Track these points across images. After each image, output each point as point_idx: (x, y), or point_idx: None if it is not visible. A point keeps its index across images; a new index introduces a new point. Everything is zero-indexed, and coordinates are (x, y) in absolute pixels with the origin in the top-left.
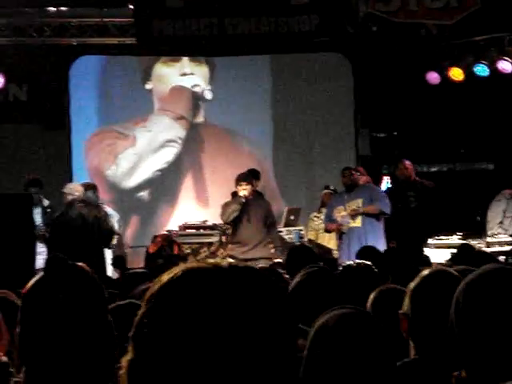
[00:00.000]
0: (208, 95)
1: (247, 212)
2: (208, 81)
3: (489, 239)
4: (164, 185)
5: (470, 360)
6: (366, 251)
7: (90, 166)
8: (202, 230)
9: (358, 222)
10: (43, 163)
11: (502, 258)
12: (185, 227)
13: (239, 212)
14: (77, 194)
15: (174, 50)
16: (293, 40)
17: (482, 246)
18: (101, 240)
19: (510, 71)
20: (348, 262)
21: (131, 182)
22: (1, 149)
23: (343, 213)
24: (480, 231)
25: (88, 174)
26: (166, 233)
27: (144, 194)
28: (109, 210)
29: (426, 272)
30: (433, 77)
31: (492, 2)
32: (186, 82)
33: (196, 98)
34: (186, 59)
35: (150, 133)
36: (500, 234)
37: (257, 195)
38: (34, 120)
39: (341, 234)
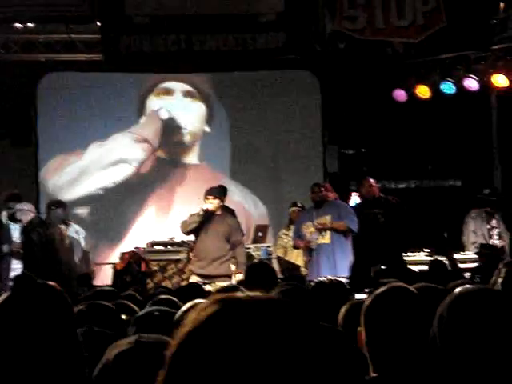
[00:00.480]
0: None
1: (208, 226)
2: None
3: (456, 256)
4: (131, 201)
5: (453, 372)
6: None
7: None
8: (169, 247)
9: (326, 239)
10: (10, 179)
11: (467, 274)
12: (152, 244)
13: (199, 225)
14: (31, 214)
15: (140, 67)
16: (260, 57)
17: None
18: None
19: (475, 89)
20: (320, 279)
21: (91, 196)
22: None
23: (311, 229)
24: (447, 247)
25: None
26: (133, 250)
27: (112, 210)
28: (76, 227)
29: (380, 289)
30: (399, 94)
31: (458, 20)
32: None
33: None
34: (178, 92)
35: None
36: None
37: (225, 212)
38: (2, 136)
39: (310, 251)
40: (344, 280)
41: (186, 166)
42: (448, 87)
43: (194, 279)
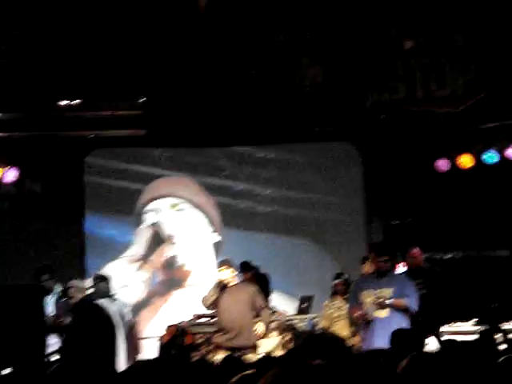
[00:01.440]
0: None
1: (227, 297)
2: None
3: (503, 326)
4: (176, 276)
5: None
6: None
7: None
8: (215, 319)
9: (384, 313)
10: (56, 257)
11: None
12: (198, 316)
13: (218, 297)
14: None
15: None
16: (300, 128)
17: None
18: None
19: None
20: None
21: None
22: (15, 241)
23: (371, 298)
24: (496, 318)
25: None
26: (178, 323)
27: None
28: (122, 300)
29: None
30: (442, 164)
31: (500, 88)
32: None
33: None
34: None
35: None
36: None
37: (243, 282)
38: (49, 214)
39: (367, 323)
40: None
41: None
42: (491, 157)
43: (222, 353)
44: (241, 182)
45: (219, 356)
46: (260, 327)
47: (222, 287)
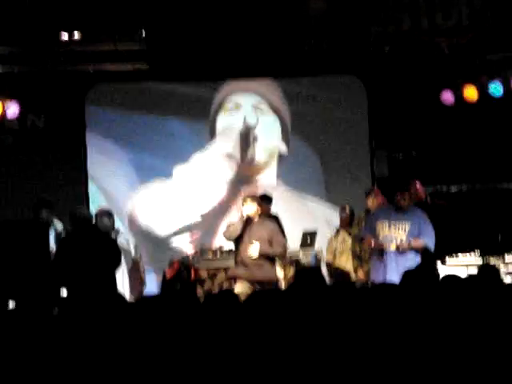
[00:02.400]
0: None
1: (249, 232)
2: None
3: (507, 258)
4: (183, 208)
5: None
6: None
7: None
8: (218, 254)
9: (394, 246)
10: (58, 192)
11: None
12: (201, 251)
13: (242, 231)
14: None
15: (186, 74)
16: (305, 61)
17: (500, 263)
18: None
19: None
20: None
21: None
22: (18, 176)
23: (387, 230)
24: (501, 250)
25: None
26: (182, 258)
27: (163, 220)
28: (126, 235)
29: None
30: (447, 96)
31: (505, 19)
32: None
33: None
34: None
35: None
36: None
37: (265, 217)
38: (52, 148)
39: (381, 252)
40: None
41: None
42: (496, 88)
43: (241, 284)
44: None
45: (238, 287)
46: (253, 249)
47: (246, 221)
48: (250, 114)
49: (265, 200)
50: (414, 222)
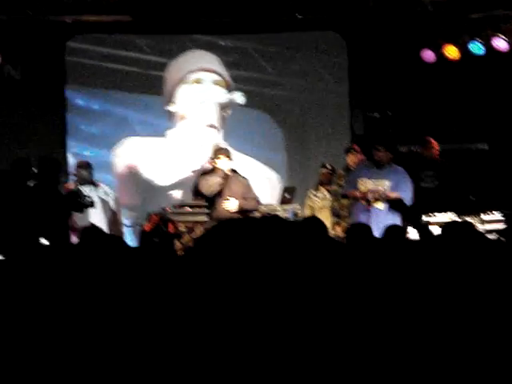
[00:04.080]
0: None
1: (225, 187)
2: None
3: (483, 217)
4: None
5: None
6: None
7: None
8: (196, 209)
9: (379, 204)
10: (39, 144)
11: (493, 236)
12: (180, 205)
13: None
14: None
15: (168, 27)
16: (285, 16)
17: (477, 223)
18: None
19: (504, 49)
20: None
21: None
22: None
23: (368, 186)
24: (473, 210)
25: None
26: (160, 211)
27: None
28: (105, 188)
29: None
30: (428, 54)
31: None
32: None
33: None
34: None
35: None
36: None
37: (233, 171)
38: (29, 100)
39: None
40: None
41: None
42: (477, 47)
43: None
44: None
45: None
46: (231, 204)
47: (224, 176)
48: (211, 88)
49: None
50: (393, 178)
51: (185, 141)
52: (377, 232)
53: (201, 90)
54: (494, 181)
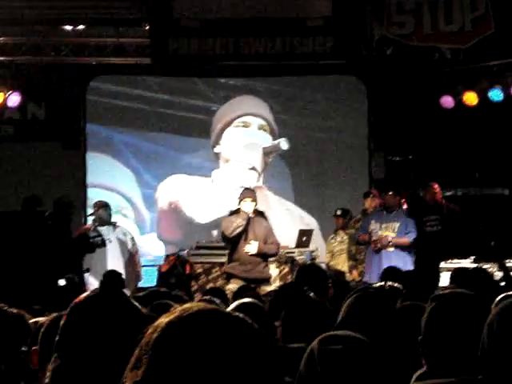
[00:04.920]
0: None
1: (249, 230)
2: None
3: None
4: (180, 204)
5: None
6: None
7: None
8: (214, 250)
9: (391, 247)
10: (58, 181)
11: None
12: (197, 247)
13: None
14: None
15: (189, 70)
16: (307, 61)
17: (495, 270)
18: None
19: None
20: (380, 283)
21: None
22: (18, 166)
23: (380, 232)
24: (494, 256)
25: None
26: (178, 252)
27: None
28: (124, 229)
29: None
30: (447, 101)
31: (506, 26)
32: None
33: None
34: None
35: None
36: None
37: (258, 214)
38: (52, 138)
39: (372, 253)
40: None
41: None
42: (496, 94)
43: (236, 283)
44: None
45: (232, 285)
46: (252, 247)
47: (247, 219)
48: (256, 132)
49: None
50: (402, 221)
51: (226, 182)
52: None
53: (247, 133)
54: None
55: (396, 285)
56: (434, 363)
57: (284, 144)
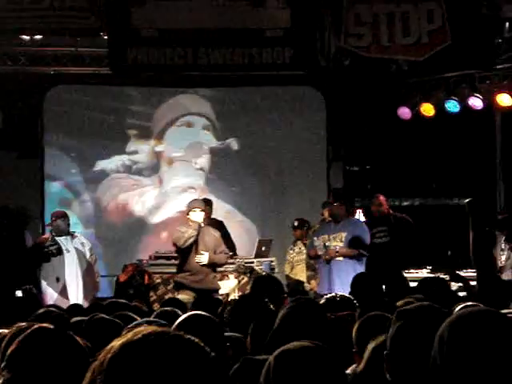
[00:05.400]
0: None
1: (199, 240)
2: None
3: (459, 273)
4: (137, 215)
5: None
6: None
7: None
8: (172, 260)
9: (340, 257)
10: (16, 191)
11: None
12: (155, 257)
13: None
14: None
15: (147, 80)
16: (266, 72)
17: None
18: None
19: (480, 107)
20: (330, 294)
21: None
22: None
23: (323, 242)
24: (450, 265)
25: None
26: (136, 262)
27: (117, 225)
28: (82, 238)
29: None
30: (404, 112)
31: (463, 39)
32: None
33: None
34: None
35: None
36: None
37: (209, 224)
38: (9, 147)
39: (322, 265)
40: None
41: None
42: (453, 105)
43: (186, 294)
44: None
45: (182, 296)
46: (203, 258)
47: (198, 229)
48: (200, 132)
49: (208, 203)
50: (350, 229)
51: (173, 182)
52: (339, 284)
53: (190, 133)
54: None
55: (347, 295)
56: (399, 379)
57: (234, 144)
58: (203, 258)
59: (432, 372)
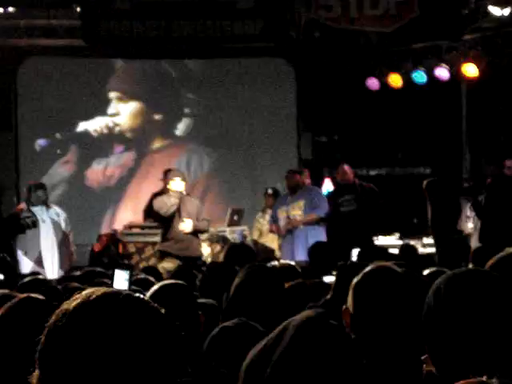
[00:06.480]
0: None
1: (182, 208)
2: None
3: (425, 240)
4: (112, 185)
5: (442, 358)
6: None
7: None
8: (146, 230)
9: (301, 225)
10: None
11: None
12: (130, 226)
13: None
14: None
15: (121, 52)
16: (237, 43)
17: (419, 246)
18: None
19: (446, 78)
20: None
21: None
22: None
23: (285, 214)
24: (416, 233)
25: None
26: (111, 232)
27: (92, 193)
28: (57, 209)
29: (368, 268)
30: (372, 83)
31: (430, 10)
32: None
33: None
34: None
35: None
36: None
37: (189, 195)
38: None
39: (284, 235)
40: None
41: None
42: (419, 76)
43: (171, 261)
44: (171, 96)
45: (167, 264)
46: (187, 225)
47: (180, 198)
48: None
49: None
50: (307, 197)
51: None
52: (302, 252)
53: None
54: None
55: (292, 263)
56: (362, 337)
57: (205, 115)
58: (187, 225)
59: (425, 320)
